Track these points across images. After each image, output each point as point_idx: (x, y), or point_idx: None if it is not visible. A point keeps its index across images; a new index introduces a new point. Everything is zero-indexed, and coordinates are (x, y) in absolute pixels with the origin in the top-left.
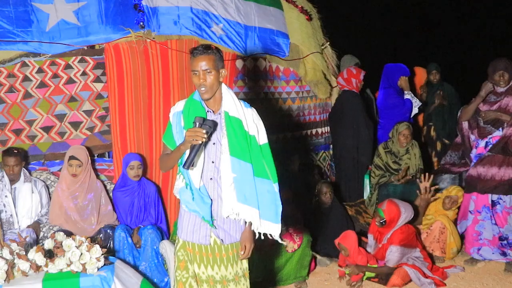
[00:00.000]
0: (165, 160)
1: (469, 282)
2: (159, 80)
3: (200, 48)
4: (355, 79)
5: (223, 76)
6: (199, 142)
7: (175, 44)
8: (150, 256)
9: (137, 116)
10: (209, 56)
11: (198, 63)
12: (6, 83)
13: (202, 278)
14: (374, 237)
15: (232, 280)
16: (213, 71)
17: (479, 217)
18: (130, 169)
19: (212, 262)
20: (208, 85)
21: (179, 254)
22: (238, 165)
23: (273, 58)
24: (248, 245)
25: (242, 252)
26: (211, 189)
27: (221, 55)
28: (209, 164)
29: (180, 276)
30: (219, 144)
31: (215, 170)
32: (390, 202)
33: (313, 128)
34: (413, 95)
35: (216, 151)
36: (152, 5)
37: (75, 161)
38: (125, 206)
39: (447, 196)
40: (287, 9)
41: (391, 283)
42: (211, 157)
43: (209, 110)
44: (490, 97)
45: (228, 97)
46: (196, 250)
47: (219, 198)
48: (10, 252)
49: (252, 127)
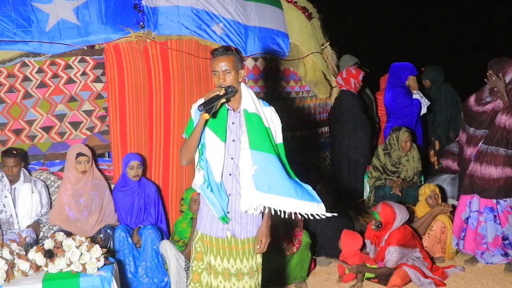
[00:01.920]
0: (185, 145)
1: (469, 282)
2: (159, 80)
3: (221, 49)
4: (354, 79)
5: (242, 76)
6: (216, 93)
7: (175, 44)
8: (150, 256)
9: (137, 116)
10: (229, 57)
11: (218, 63)
12: (6, 83)
13: (218, 270)
14: (371, 242)
15: (247, 273)
16: (233, 71)
17: (481, 218)
18: (129, 169)
19: (228, 255)
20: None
21: (197, 245)
22: (259, 157)
23: (273, 58)
24: (264, 239)
25: (258, 247)
26: (229, 184)
27: (240, 56)
28: (228, 160)
29: (196, 267)
30: (239, 141)
31: (234, 166)
32: (384, 205)
33: (313, 128)
34: (421, 94)
35: (236, 148)
36: (152, 5)
37: (84, 157)
38: (125, 206)
39: (427, 197)
40: (287, 9)
41: (391, 284)
42: (231, 154)
43: (229, 108)
44: (485, 96)
45: (247, 96)
46: (214, 242)
47: (237, 193)
48: (10, 252)
49: (271, 125)
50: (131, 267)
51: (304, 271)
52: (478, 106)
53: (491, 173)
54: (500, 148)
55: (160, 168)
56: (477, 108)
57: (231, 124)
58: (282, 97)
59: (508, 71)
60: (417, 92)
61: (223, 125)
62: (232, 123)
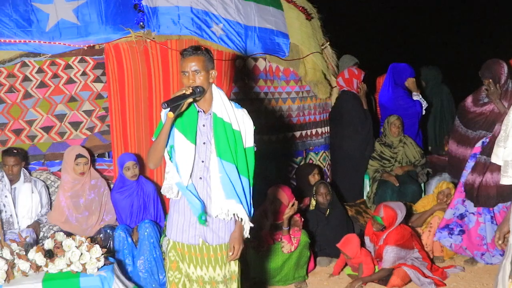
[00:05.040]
0: (152, 147)
1: (469, 282)
2: (159, 80)
3: (190, 49)
4: (356, 79)
5: (213, 77)
6: (183, 92)
7: (175, 44)
8: (148, 250)
9: (137, 116)
10: (199, 57)
11: (188, 64)
12: (6, 83)
13: (192, 278)
14: (370, 239)
15: (221, 282)
16: (203, 71)
17: (480, 219)
18: (126, 170)
19: (200, 263)
20: (196, 85)
21: (170, 254)
22: (223, 166)
23: (273, 58)
24: (237, 246)
25: (230, 253)
26: (200, 188)
27: (211, 56)
28: (199, 164)
29: (172, 277)
30: (209, 144)
31: (205, 170)
32: (385, 208)
33: (313, 128)
34: (421, 96)
35: (206, 151)
36: (152, 5)
37: (83, 159)
38: (125, 207)
39: (440, 191)
40: (287, 9)
41: (391, 284)
42: (201, 157)
43: (199, 110)
44: (482, 97)
45: (218, 98)
46: (186, 250)
47: (208, 197)
48: (10, 252)
49: (241, 127)
50: (131, 266)
51: (303, 270)
52: (476, 107)
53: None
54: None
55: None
56: (474, 109)
57: (201, 126)
58: (282, 97)
59: (502, 73)
60: (417, 94)
61: (193, 127)
62: (203, 125)
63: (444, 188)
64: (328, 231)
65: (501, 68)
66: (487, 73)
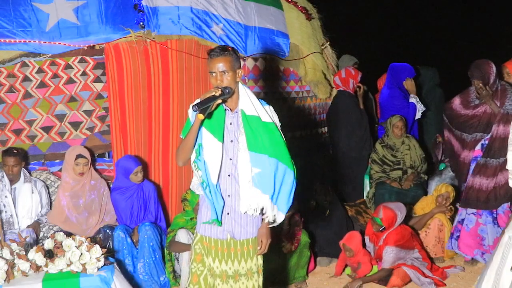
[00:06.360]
0: (181, 146)
1: (469, 282)
2: (159, 80)
3: (217, 50)
4: (353, 79)
5: (239, 76)
6: (212, 93)
7: (175, 44)
8: (148, 253)
9: (137, 116)
10: (226, 58)
11: (216, 64)
12: (6, 83)
13: (216, 273)
14: (370, 239)
15: (244, 275)
16: (230, 72)
17: (480, 220)
18: (134, 175)
19: (226, 257)
20: (225, 85)
21: (196, 247)
22: (258, 159)
23: (273, 58)
24: (265, 240)
25: (259, 248)
26: (228, 185)
27: (237, 55)
28: (227, 161)
29: (195, 269)
30: (237, 142)
31: (232, 167)
32: (385, 209)
33: (313, 128)
34: (418, 99)
35: (234, 148)
36: (152, 5)
37: (83, 160)
38: (125, 209)
39: (439, 195)
40: (287, 9)
41: (391, 284)
42: (229, 154)
43: (227, 108)
44: (472, 99)
45: (245, 96)
46: (213, 244)
47: (236, 194)
48: (10, 252)
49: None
50: (130, 267)
51: (303, 270)
52: (467, 109)
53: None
54: (501, 157)
55: (159, 168)
56: (466, 112)
57: (229, 125)
58: (282, 97)
59: (491, 73)
60: (413, 96)
61: (221, 125)
62: (230, 124)
63: (443, 191)
64: (328, 231)
65: (489, 68)
66: (476, 73)
